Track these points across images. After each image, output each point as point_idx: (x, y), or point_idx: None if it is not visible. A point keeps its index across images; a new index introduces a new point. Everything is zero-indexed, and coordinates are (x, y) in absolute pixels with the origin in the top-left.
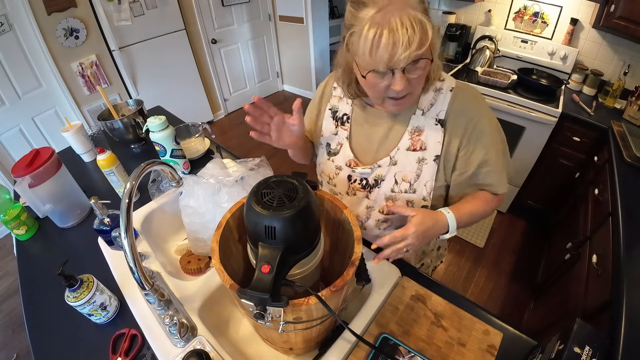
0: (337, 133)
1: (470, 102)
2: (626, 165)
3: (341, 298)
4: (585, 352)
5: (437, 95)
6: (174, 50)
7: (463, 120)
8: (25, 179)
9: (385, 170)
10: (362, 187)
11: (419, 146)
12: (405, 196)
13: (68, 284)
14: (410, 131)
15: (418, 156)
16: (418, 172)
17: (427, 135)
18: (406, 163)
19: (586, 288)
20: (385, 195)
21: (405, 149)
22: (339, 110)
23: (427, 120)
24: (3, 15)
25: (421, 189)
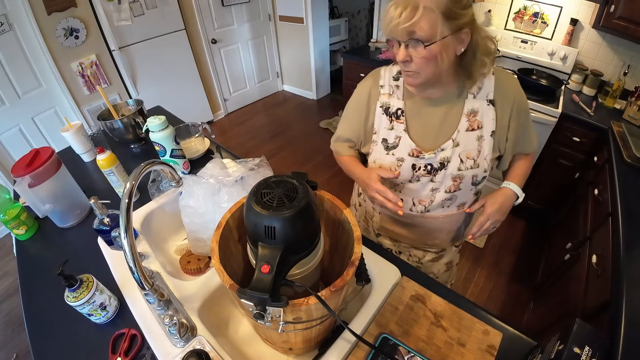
0: (393, 127)
1: (510, 82)
2: (626, 166)
3: (341, 298)
4: (585, 352)
5: (483, 80)
6: (174, 50)
7: (509, 97)
8: (25, 178)
9: (450, 152)
10: (427, 172)
11: (476, 125)
12: (470, 172)
13: (68, 283)
14: (466, 114)
15: (477, 134)
16: (479, 149)
17: (482, 115)
18: (468, 143)
19: (586, 288)
20: (452, 174)
21: (465, 131)
22: (391, 106)
23: (479, 102)
24: (3, 15)
25: (482, 162)
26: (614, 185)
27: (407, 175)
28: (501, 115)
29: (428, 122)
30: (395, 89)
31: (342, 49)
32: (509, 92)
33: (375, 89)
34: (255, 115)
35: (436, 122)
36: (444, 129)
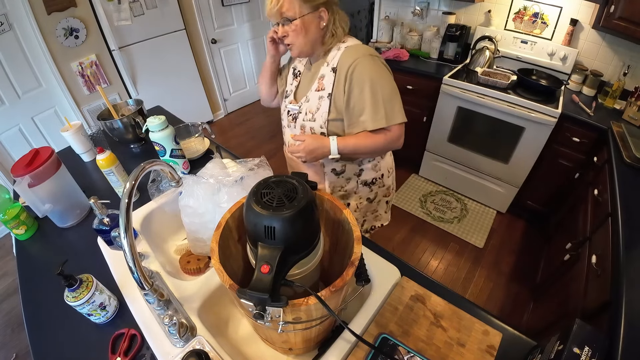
0: (292, 83)
1: (353, 56)
2: (626, 166)
3: (341, 298)
4: (584, 352)
5: (337, 53)
6: (173, 50)
7: (346, 66)
8: (24, 178)
9: (303, 105)
10: (292, 119)
11: (321, 87)
12: (308, 124)
13: (67, 283)
14: (319, 77)
15: (319, 95)
16: (318, 106)
17: (326, 80)
18: (313, 100)
19: (585, 288)
20: (300, 124)
21: (314, 90)
22: (296, 68)
23: (328, 68)
24: (3, 14)
25: (318, 118)
26: (613, 185)
27: (285, 119)
28: (338, 81)
29: (304, 81)
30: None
31: None
32: (347, 62)
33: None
34: (255, 115)
35: (307, 82)
36: (307, 87)
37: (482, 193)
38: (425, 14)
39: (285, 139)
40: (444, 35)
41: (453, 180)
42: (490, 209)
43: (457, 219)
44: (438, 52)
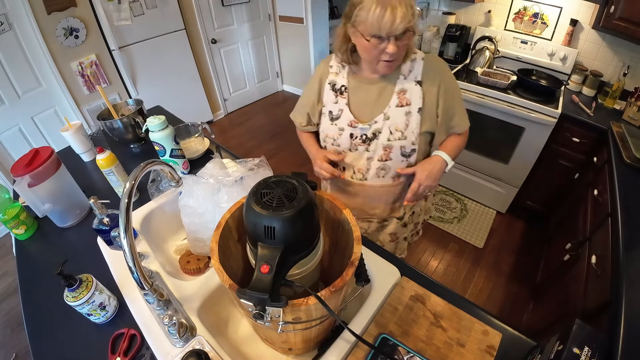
0: (337, 102)
1: (437, 65)
2: (625, 166)
3: (340, 298)
4: (584, 352)
5: (413, 64)
6: (173, 50)
7: (435, 77)
8: (24, 178)
9: (381, 125)
10: (362, 141)
11: (405, 102)
12: (398, 142)
13: (67, 283)
14: (397, 92)
15: (405, 110)
16: (407, 123)
17: (411, 94)
18: (397, 117)
19: (585, 289)
20: (383, 144)
21: (395, 106)
22: (336, 83)
23: (409, 82)
24: (3, 14)
25: (410, 135)
26: (613, 185)
27: (347, 143)
28: (428, 94)
29: (365, 98)
30: (341, 68)
31: None
32: (439, 77)
33: (326, 68)
34: (255, 115)
35: (372, 98)
36: (378, 104)
37: (482, 193)
38: (425, 14)
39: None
40: (444, 35)
41: (453, 181)
42: (490, 209)
43: (457, 219)
44: (438, 52)
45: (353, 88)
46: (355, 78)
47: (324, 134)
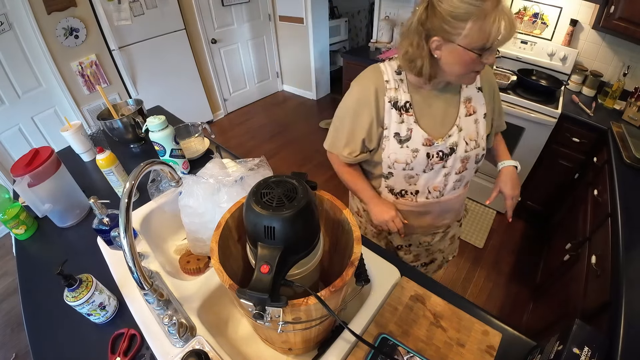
0: (404, 120)
1: (489, 71)
2: (625, 166)
3: (340, 298)
4: (584, 352)
5: None
6: (173, 50)
7: (490, 83)
8: (24, 178)
9: (457, 137)
10: (439, 158)
11: (472, 110)
12: (474, 152)
13: (67, 283)
14: (463, 101)
15: (474, 118)
16: (477, 130)
17: (475, 101)
18: (468, 126)
19: (585, 289)
20: (461, 157)
21: (464, 116)
22: (399, 100)
23: (471, 90)
24: (3, 14)
25: (481, 142)
26: (613, 186)
27: (423, 165)
28: (488, 99)
29: (433, 111)
30: (400, 82)
31: (342, 49)
32: (489, 80)
33: (381, 84)
34: (255, 115)
35: (440, 111)
36: (448, 116)
37: (482, 193)
38: None
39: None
40: None
41: None
42: (490, 209)
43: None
44: None
45: (418, 103)
46: (418, 92)
47: (391, 160)
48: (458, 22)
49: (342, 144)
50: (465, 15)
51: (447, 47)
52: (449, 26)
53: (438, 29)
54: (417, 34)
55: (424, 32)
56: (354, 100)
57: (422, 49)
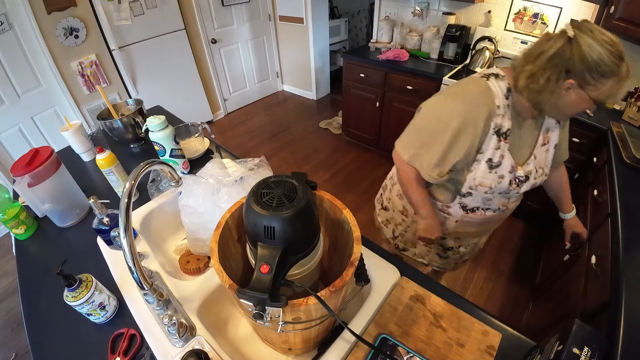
0: (500, 147)
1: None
2: (625, 167)
3: (340, 298)
4: (584, 352)
5: None
6: (173, 50)
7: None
8: (24, 178)
9: (532, 165)
10: (516, 185)
11: (547, 140)
12: (540, 179)
13: (67, 283)
14: (543, 131)
15: (546, 148)
16: (545, 159)
17: (552, 131)
18: (541, 155)
19: (585, 289)
20: (531, 184)
21: (540, 145)
22: (502, 127)
23: (550, 121)
24: (3, 14)
25: (547, 170)
26: (613, 186)
27: (504, 189)
28: (561, 130)
29: (521, 140)
30: (507, 109)
31: (342, 49)
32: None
33: (493, 110)
34: (255, 115)
35: (526, 139)
36: (529, 145)
37: None
38: (425, 14)
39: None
40: (444, 35)
41: None
42: None
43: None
44: (438, 52)
45: (514, 130)
46: (517, 118)
47: (476, 183)
48: (601, 78)
49: (431, 163)
50: (609, 74)
51: (575, 92)
52: (592, 77)
53: (579, 73)
54: (553, 69)
55: (562, 69)
56: (458, 120)
57: (554, 84)
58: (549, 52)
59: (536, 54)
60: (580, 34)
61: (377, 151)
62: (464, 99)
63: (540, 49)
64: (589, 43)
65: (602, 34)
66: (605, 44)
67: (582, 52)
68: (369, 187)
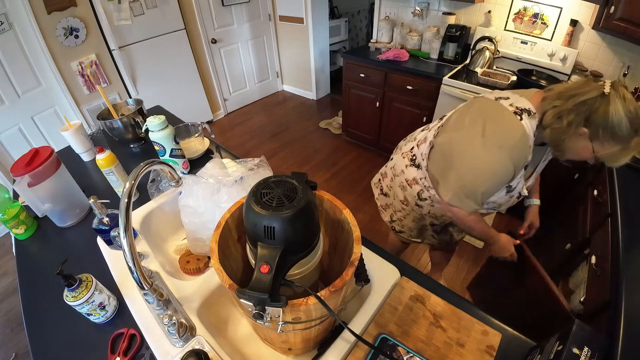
0: (520, 175)
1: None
2: (625, 167)
3: (340, 298)
4: (583, 352)
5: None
6: (173, 50)
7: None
8: (24, 178)
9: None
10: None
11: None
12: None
13: (67, 283)
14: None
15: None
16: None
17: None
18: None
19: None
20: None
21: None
22: (528, 160)
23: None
24: (3, 14)
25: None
26: (613, 186)
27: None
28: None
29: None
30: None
31: (342, 49)
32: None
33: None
34: (255, 115)
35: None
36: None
37: None
38: (425, 15)
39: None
40: (444, 35)
41: None
42: None
43: None
44: (438, 52)
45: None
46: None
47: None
48: (611, 140)
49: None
50: (619, 140)
51: (584, 141)
52: (604, 135)
53: (594, 126)
54: (577, 113)
55: (584, 117)
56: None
57: (571, 128)
58: (581, 97)
59: (570, 94)
60: (614, 95)
61: (377, 151)
62: (510, 153)
63: (575, 92)
64: (617, 106)
65: (632, 104)
66: (630, 114)
67: (607, 110)
68: (369, 187)
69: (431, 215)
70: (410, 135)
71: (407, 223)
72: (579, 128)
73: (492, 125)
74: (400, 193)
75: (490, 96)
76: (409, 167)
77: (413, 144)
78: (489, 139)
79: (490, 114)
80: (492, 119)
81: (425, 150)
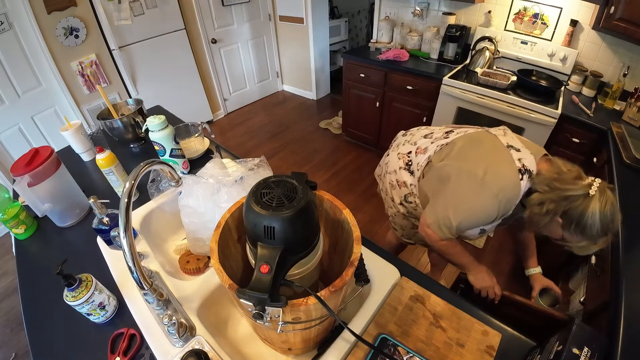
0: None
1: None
2: (625, 167)
3: (340, 298)
4: (583, 353)
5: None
6: (173, 50)
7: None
8: (24, 177)
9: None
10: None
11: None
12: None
13: (67, 283)
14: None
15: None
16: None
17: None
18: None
19: (585, 289)
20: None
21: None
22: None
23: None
24: (3, 14)
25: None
26: (613, 186)
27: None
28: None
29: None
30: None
31: (342, 49)
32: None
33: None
34: (255, 115)
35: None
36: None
37: None
38: (425, 15)
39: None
40: (444, 35)
41: None
42: None
43: None
44: (438, 52)
45: None
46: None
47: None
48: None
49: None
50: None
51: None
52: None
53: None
54: (558, 205)
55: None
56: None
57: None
58: (566, 192)
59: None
60: (597, 198)
61: (377, 151)
62: (501, 204)
63: (563, 185)
64: (594, 209)
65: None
66: (604, 218)
67: (584, 211)
68: (369, 187)
69: (414, 217)
70: (411, 134)
71: (399, 221)
72: (555, 216)
73: (494, 174)
74: (389, 190)
75: (503, 140)
76: (402, 170)
77: (412, 149)
78: (487, 185)
79: (497, 162)
80: (495, 168)
81: (423, 163)
